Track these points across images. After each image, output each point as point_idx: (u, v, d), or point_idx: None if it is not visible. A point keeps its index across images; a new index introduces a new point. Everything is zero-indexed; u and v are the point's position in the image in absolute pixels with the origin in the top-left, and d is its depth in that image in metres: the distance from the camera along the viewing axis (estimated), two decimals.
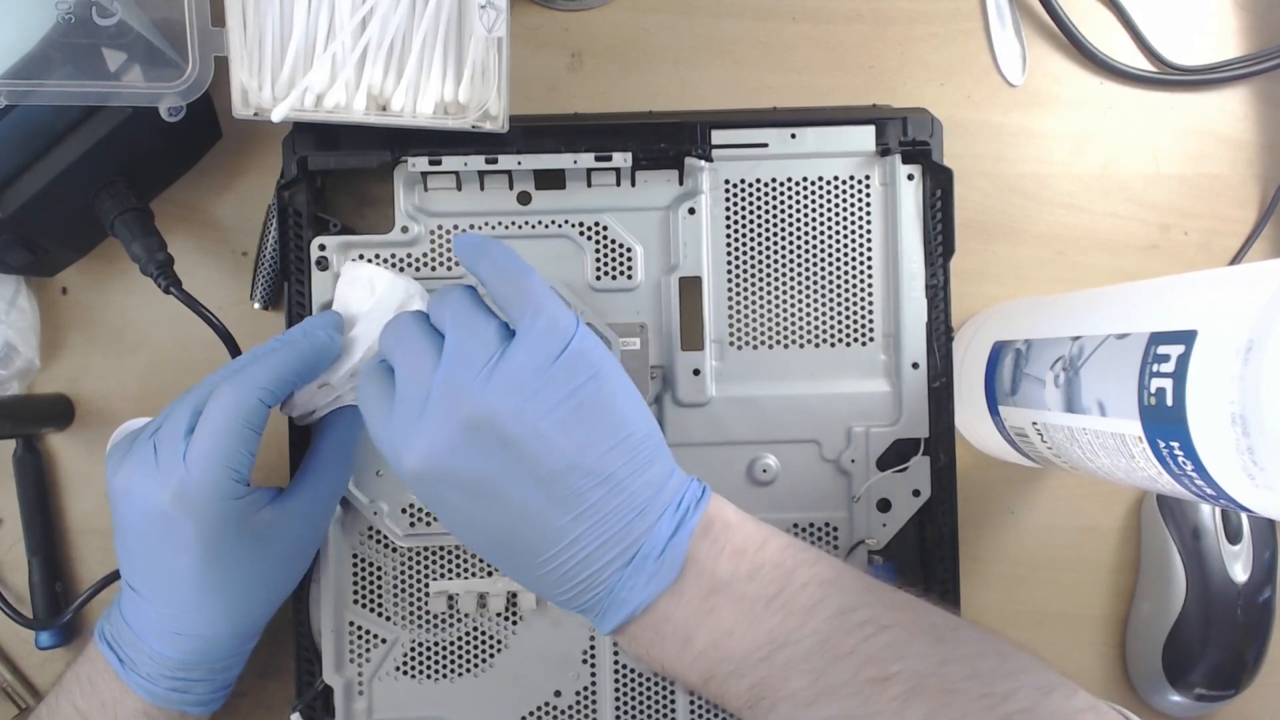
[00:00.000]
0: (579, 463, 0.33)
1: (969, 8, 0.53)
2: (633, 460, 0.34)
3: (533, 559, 0.34)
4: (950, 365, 0.47)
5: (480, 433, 0.32)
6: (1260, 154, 0.53)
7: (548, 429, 0.33)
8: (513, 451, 0.33)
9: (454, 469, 0.33)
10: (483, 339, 0.33)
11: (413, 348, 0.34)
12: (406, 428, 0.33)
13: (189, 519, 0.37)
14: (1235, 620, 0.49)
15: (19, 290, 0.49)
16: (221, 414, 0.37)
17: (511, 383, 0.32)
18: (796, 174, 0.48)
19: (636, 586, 0.34)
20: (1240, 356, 0.30)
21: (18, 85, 0.41)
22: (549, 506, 0.33)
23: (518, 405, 0.32)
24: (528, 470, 0.33)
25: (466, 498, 0.34)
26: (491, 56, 0.44)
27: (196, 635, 0.39)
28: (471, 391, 0.32)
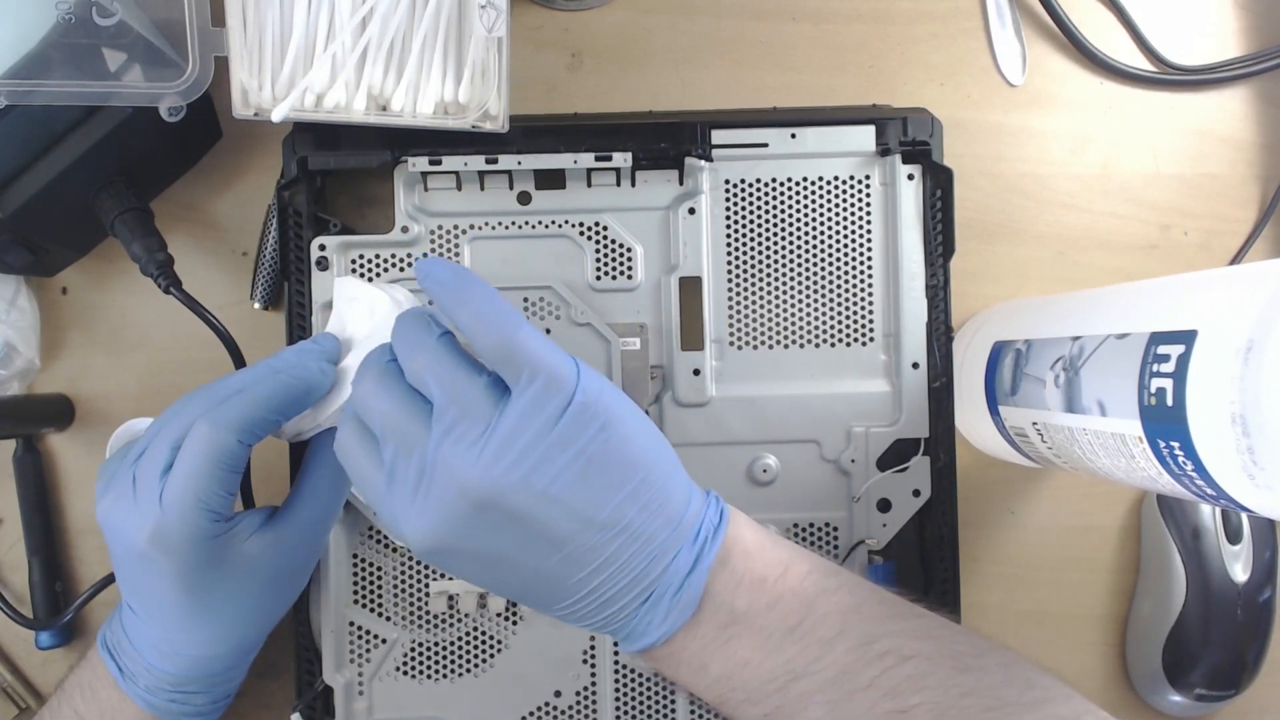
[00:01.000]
0: (593, 518, 0.31)
1: (969, 8, 0.53)
2: (648, 504, 0.32)
3: (551, 607, 0.33)
4: (950, 365, 0.47)
5: (487, 511, 0.31)
6: (1260, 154, 0.53)
7: (558, 493, 0.31)
8: (523, 523, 0.31)
9: (464, 545, 0.32)
10: (475, 406, 0.31)
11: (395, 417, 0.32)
12: (405, 504, 0.32)
13: (166, 558, 0.36)
14: (1235, 620, 0.49)
15: (19, 290, 0.49)
16: (198, 456, 0.36)
17: (514, 454, 0.30)
18: (796, 174, 0.48)
19: (653, 623, 0.33)
20: (1240, 356, 0.30)
21: (18, 85, 0.41)
22: (564, 566, 0.32)
23: (523, 477, 0.30)
24: (539, 536, 0.31)
25: (478, 566, 0.33)
26: (491, 56, 0.44)
27: (191, 655, 0.39)
28: (472, 469, 0.30)
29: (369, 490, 0.34)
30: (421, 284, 0.34)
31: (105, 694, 0.40)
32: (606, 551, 0.32)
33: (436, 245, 0.47)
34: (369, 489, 0.34)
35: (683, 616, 0.33)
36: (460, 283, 0.33)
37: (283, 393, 0.37)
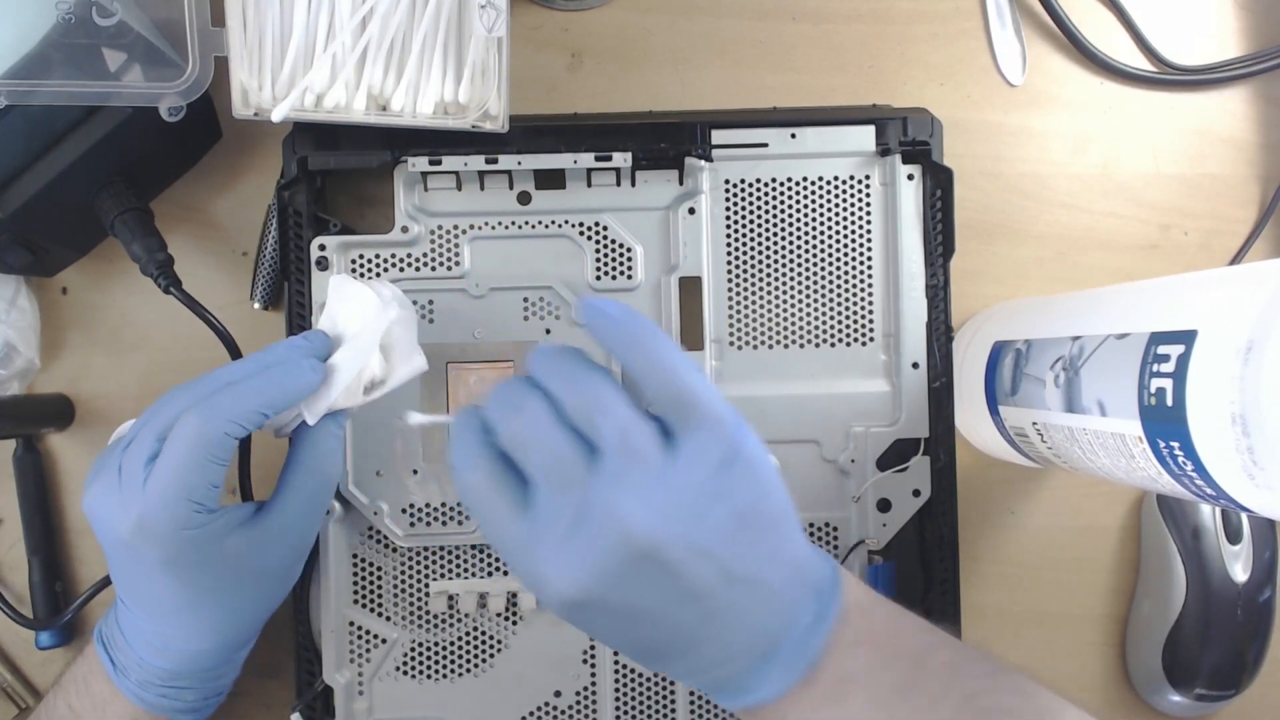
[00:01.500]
0: (735, 573, 0.31)
1: (969, 8, 0.53)
2: (784, 560, 0.32)
3: (670, 662, 0.33)
4: (950, 365, 0.47)
5: (645, 562, 0.29)
6: (1260, 154, 0.53)
7: (710, 545, 0.30)
8: (674, 576, 0.30)
9: (614, 598, 0.30)
10: (644, 455, 0.30)
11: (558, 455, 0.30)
12: (555, 550, 0.30)
13: (151, 548, 0.36)
14: (1235, 620, 0.49)
15: (19, 290, 0.49)
16: (184, 446, 0.36)
17: (679, 506, 0.29)
18: (796, 174, 0.48)
19: (770, 680, 0.32)
20: (1240, 356, 0.30)
21: (18, 85, 0.41)
22: (699, 621, 0.31)
23: (685, 530, 0.29)
24: (685, 590, 0.30)
25: (616, 621, 0.31)
26: (491, 56, 0.44)
27: (181, 649, 0.39)
28: (637, 518, 0.29)
29: (502, 534, 0.31)
30: (588, 321, 0.32)
31: (98, 688, 0.40)
32: (742, 606, 0.31)
33: (436, 245, 0.47)
34: (503, 532, 0.31)
35: (799, 674, 0.32)
36: (634, 323, 0.32)
37: (271, 388, 0.37)
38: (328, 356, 0.40)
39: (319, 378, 0.39)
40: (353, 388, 0.40)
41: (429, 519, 0.47)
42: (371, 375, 0.41)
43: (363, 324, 0.40)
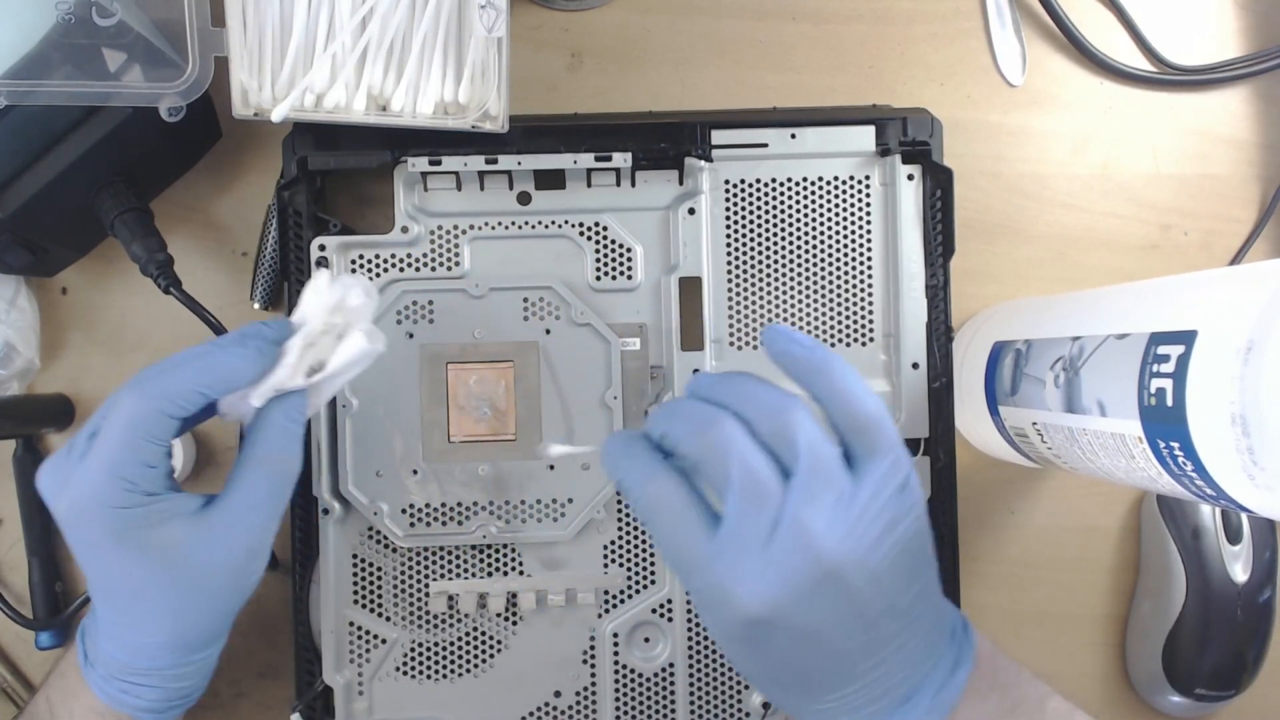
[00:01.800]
0: (896, 605, 0.31)
1: (969, 8, 0.53)
2: (928, 594, 0.33)
3: (821, 697, 0.33)
4: (950, 365, 0.47)
5: (829, 582, 0.30)
6: (1260, 154, 0.53)
7: (881, 572, 0.31)
8: (853, 600, 0.31)
9: (798, 616, 0.31)
10: (833, 478, 0.31)
11: (756, 473, 0.31)
12: (748, 565, 0.30)
13: (86, 525, 0.36)
14: (1235, 620, 0.49)
15: (19, 290, 0.49)
16: (116, 423, 0.35)
17: (860, 530, 0.31)
18: (796, 174, 0.48)
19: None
20: (1240, 357, 0.30)
21: (18, 85, 0.41)
22: (861, 650, 0.31)
23: (864, 554, 0.31)
24: (857, 615, 0.31)
25: (793, 643, 0.31)
26: (491, 56, 0.44)
27: (132, 641, 0.38)
28: (826, 537, 0.30)
29: (688, 548, 0.31)
30: (773, 347, 0.33)
31: (72, 678, 0.40)
32: (897, 642, 0.32)
33: (436, 245, 0.47)
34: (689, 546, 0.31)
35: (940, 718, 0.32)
36: (820, 350, 0.33)
37: (212, 368, 0.37)
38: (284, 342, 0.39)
39: (262, 359, 0.37)
40: (295, 368, 0.38)
41: (429, 519, 0.47)
42: (319, 359, 0.39)
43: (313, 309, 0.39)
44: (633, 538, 0.48)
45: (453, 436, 0.47)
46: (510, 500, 0.47)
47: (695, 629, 0.48)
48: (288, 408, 0.38)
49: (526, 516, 0.47)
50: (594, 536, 0.47)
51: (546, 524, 0.47)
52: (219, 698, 0.51)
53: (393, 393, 0.47)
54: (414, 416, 0.47)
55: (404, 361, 0.47)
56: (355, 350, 0.39)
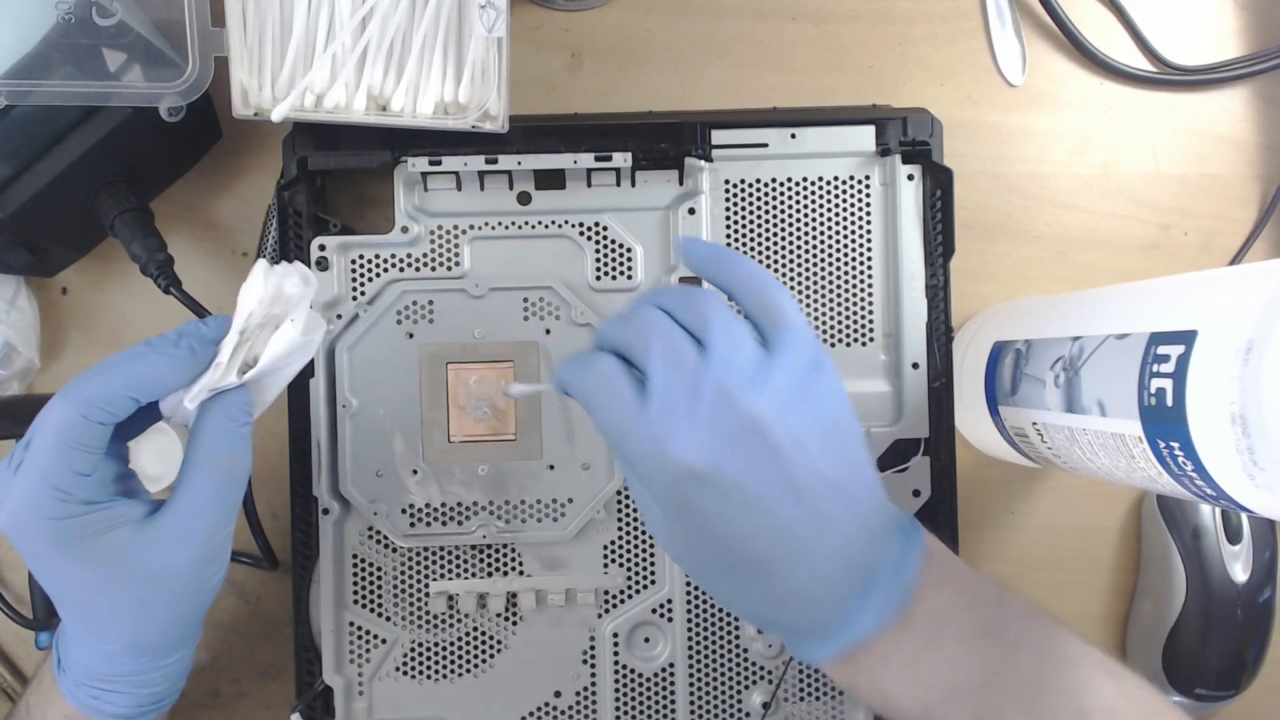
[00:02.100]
0: (828, 476, 0.33)
1: (969, 8, 0.53)
2: (866, 480, 0.34)
3: (772, 577, 0.33)
4: (950, 365, 0.47)
5: (754, 436, 0.32)
6: (1260, 154, 0.53)
7: (804, 438, 0.33)
8: (778, 459, 0.32)
9: (728, 470, 0.32)
10: (746, 345, 0.33)
11: (675, 342, 0.33)
12: (677, 423, 0.32)
13: (24, 536, 0.35)
14: (1235, 620, 0.49)
15: (19, 290, 0.49)
16: (44, 431, 0.35)
17: (779, 391, 0.33)
18: (796, 174, 0.48)
19: (871, 611, 0.33)
20: (1240, 357, 0.30)
21: (18, 85, 0.41)
22: (800, 519, 0.33)
23: (783, 413, 0.32)
24: (786, 479, 0.32)
25: (726, 503, 0.33)
26: (491, 56, 0.44)
27: (92, 648, 0.37)
28: (745, 395, 0.32)
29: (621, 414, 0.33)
30: (687, 260, 0.36)
31: (47, 684, 0.39)
32: (836, 515, 0.33)
33: (436, 245, 0.47)
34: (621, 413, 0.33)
35: (899, 606, 0.33)
36: (727, 252, 0.36)
37: (142, 371, 0.36)
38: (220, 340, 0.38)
39: (195, 360, 0.36)
40: (226, 367, 0.37)
41: (429, 519, 0.47)
42: (255, 354, 0.38)
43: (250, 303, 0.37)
44: (633, 538, 0.48)
45: (453, 436, 0.47)
46: (510, 500, 0.47)
47: (695, 629, 0.48)
48: (228, 407, 0.37)
49: (526, 516, 0.47)
50: (594, 536, 0.47)
51: (546, 524, 0.47)
52: (219, 698, 0.51)
53: (393, 393, 0.47)
54: (414, 416, 0.47)
55: (404, 361, 0.47)
56: (287, 343, 0.37)
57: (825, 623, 0.34)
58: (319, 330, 0.38)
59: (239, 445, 0.37)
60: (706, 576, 0.35)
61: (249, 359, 0.37)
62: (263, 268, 0.37)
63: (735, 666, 0.48)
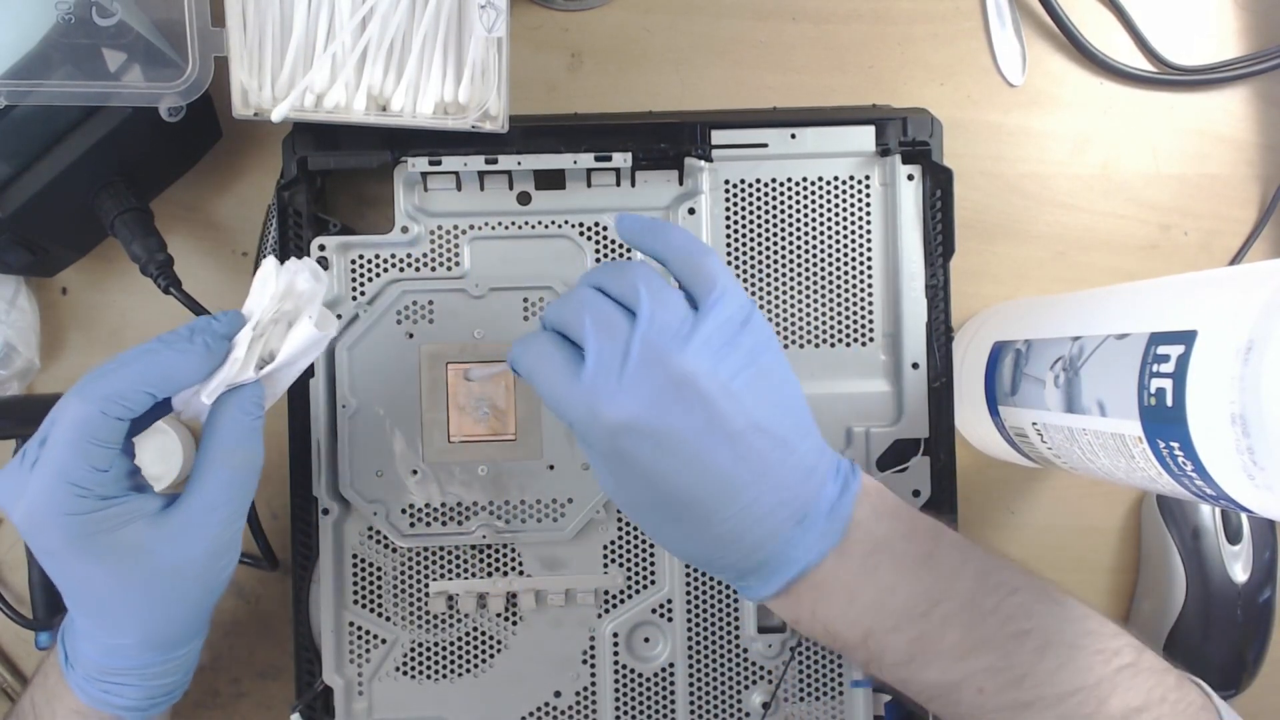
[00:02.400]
0: (760, 422, 0.35)
1: (969, 8, 0.53)
2: (800, 426, 0.36)
3: (709, 519, 0.35)
4: (950, 365, 0.47)
5: (683, 388, 0.34)
6: (1260, 154, 0.53)
7: (737, 389, 0.35)
8: (708, 408, 0.34)
9: (659, 421, 0.34)
10: (674, 307, 0.35)
11: (605, 313, 0.35)
12: (608, 385, 0.34)
13: (41, 533, 0.35)
14: (1235, 620, 0.49)
15: (19, 290, 0.49)
16: (61, 428, 0.35)
17: (706, 346, 0.35)
18: (796, 174, 0.48)
19: (809, 544, 0.35)
20: (1240, 357, 0.30)
21: (18, 85, 0.41)
22: (733, 463, 0.34)
23: (713, 365, 0.34)
24: (718, 426, 0.34)
25: (661, 453, 0.34)
26: (491, 56, 0.44)
27: (105, 643, 0.38)
28: (674, 351, 0.34)
29: (558, 382, 0.35)
30: (620, 233, 0.38)
31: (54, 679, 0.40)
32: (770, 457, 0.35)
33: (436, 245, 0.47)
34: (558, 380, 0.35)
35: (835, 536, 0.35)
36: (654, 224, 0.38)
37: (158, 367, 0.36)
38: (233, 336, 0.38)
39: (210, 355, 0.37)
40: (243, 362, 0.37)
41: (429, 519, 0.47)
42: (270, 349, 0.38)
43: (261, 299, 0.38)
44: (633, 538, 0.48)
45: (453, 436, 0.47)
46: (510, 500, 0.47)
47: (695, 629, 0.48)
48: (242, 401, 0.38)
49: (526, 516, 0.47)
50: (594, 536, 0.47)
51: (546, 524, 0.47)
52: (219, 698, 0.51)
53: (393, 393, 0.47)
54: (414, 416, 0.47)
55: (404, 361, 0.47)
56: (304, 338, 0.38)
57: (764, 560, 0.35)
58: (332, 326, 0.39)
59: (252, 439, 0.38)
60: (651, 524, 0.37)
61: (264, 354, 0.38)
62: (273, 264, 0.38)
63: (735, 666, 0.48)
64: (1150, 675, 0.35)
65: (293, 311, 0.38)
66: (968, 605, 0.35)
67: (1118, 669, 0.35)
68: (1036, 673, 0.34)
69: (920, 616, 0.35)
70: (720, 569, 0.37)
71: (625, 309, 0.36)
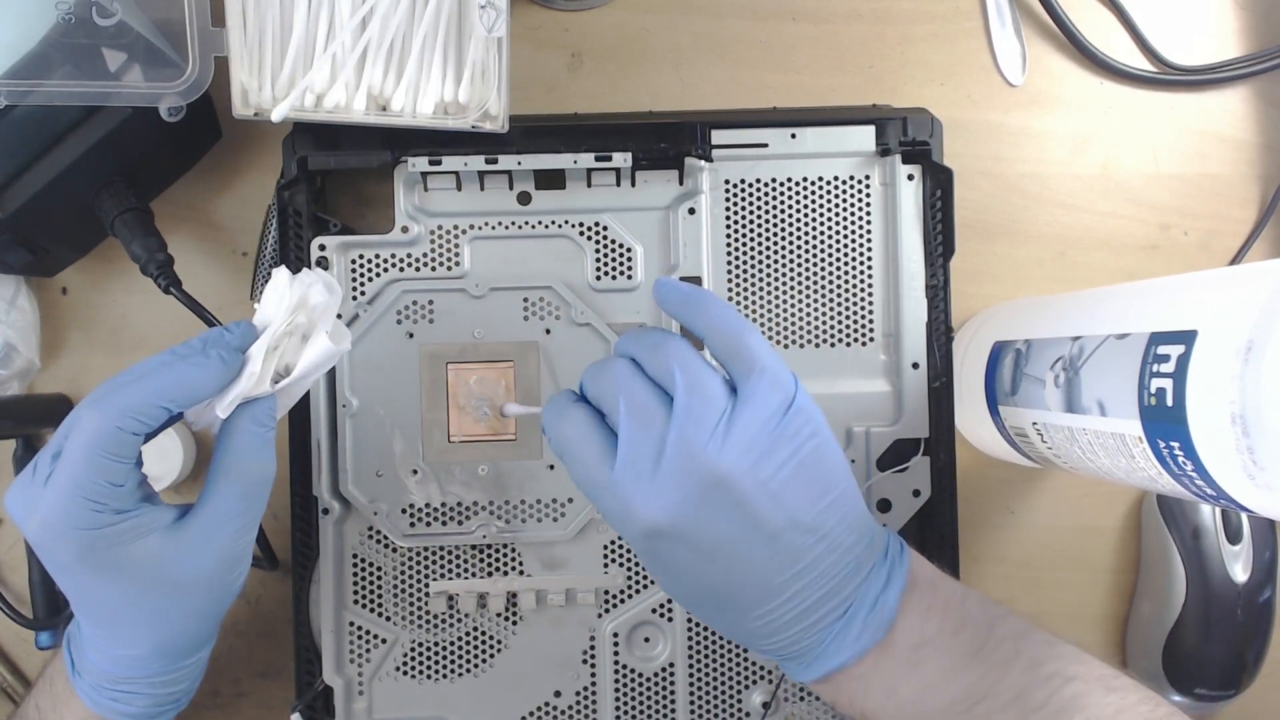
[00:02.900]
0: (801, 519, 0.33)
1: (969, 8, 0.53)
2: (846, 517, 0.34)
3: (748, 613, 0.34)
4: (950, 365, 0.47)
5: (719, 491, 0.33)
6: (1260, 154, 0.53)
7: (775, 487, 0.33)
8: (746, 510, 0.33)
9: (693, 526, 0.33)
10: (713, 397, 0.33)
11: (640, 400, 0.34)
12: (641, 483, 0.33)
13: (56, 548, 0.35)
14: (1235, 620, 0.49)
15: (19, 290, 0.49)
16: (77, 442, 0.35)
17: (744, 442, 0.33)
18: (796, 174, 0.48)
19: (849, 640, 0.34)
20: (1240, 356, 0.30)
21: (18, 85, 0.41)
22: (772, 563, 0.33)
23: (752, 464, 0.33)
24: (756, 527, 0.33)
25: (697, 555, 0.33)
26: (491, 56, 0.44)
27: (116, 654, 0.38)
28: (710, 450, 0.33)
29: (592, 473, 0.34)
30: (658, 295, 0.37)
31: (60, 687, 0.40)
32: (811, 555, 0.33)
33: (436, 245, 0.47)
34: (593, 471, 0.34)
35: (878, 634, 0.34)
36: (697, 295, 0.36)
37: (175, 380, 0.36)
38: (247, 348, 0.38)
39: (226, 368, 0.37)
40: (260, 376, 0.37)
41: (429, 519, 0.47)
42: (285, 363, 0.38)
43: (274, 311, 0.38)
44: None
45: (453, 436, 0.47)
46: (510, 500, 0.47)
47: (695, 629, 0.48)
48: (256, 415, 0.38)
49: (526, 516, 0.47)
50: (594, 536, 0.47)
51: (546, 524, 0.47)
52: (219, 698, 0.51)
53: (393, 393, 0.47)
54: (414, 416, 0.47)
55: (404, 361, 0.47)
56: (320, 352, 0.38)
57: (805, 650, 0.35)
58: (346, 340, 0.39)
59: (265, 452, 0.38)
60: (691, 607, 0.36)
61: (280, 368, 0.38)
62: (286, 276, 0.38)
63: (735, 666, 0.48)
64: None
65: (306, 324, 0.38)
66: (1014, 701, 0.34)
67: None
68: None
69: (963, 714, 0.34)
70: (764, 652, 0.36)
71: (661, 390, 0.34)
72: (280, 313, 0.37)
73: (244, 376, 0.37)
